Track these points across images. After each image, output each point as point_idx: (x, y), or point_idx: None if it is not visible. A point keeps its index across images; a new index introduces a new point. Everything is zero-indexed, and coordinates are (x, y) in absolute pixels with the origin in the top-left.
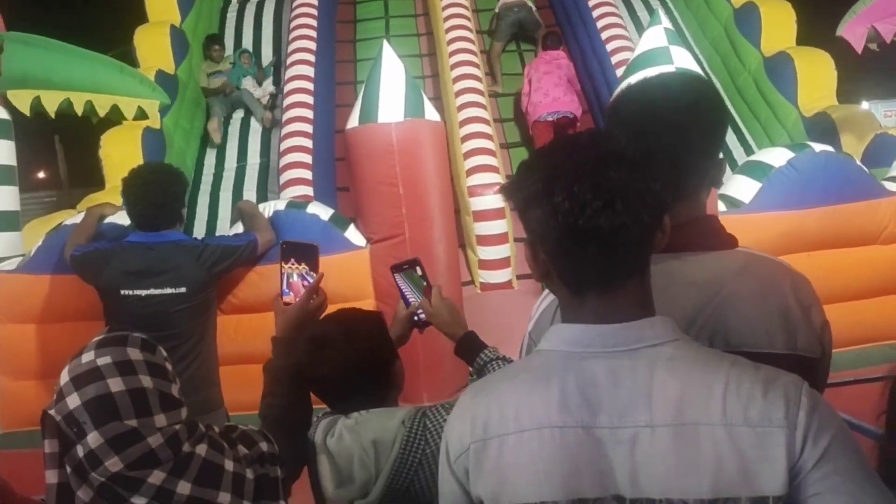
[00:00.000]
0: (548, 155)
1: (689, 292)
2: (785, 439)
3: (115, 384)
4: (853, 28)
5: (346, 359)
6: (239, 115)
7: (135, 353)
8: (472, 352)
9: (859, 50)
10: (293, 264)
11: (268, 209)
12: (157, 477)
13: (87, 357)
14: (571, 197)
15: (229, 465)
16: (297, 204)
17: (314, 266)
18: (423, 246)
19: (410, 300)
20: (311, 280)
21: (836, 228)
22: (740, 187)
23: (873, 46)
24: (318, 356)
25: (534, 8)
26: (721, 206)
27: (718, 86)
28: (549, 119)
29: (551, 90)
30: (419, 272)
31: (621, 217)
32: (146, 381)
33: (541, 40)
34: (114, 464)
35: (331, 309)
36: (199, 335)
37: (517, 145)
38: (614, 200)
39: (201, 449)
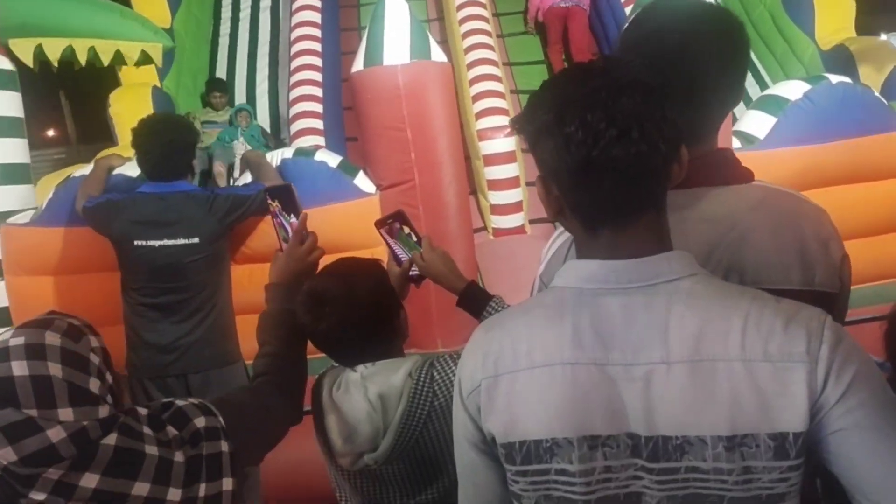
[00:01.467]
0: (558, 84)
1: (703, 228)
2: (806, 374)
3: (19, 368)
4: None
5: (347, 314)
6: (244, 58)
7: (52, 338)
8: (477, 303)
9: None
10: (278, 211)
11: (275, 158)
12: (54, 472)
13: (5, 336)
14: (585, 126)
15: (151, 450)
16: (306, 151)
17: (294, 208)
18: (434, 191)
19: (400, 255)
20: (290, 225)
21: (855, 162)
22: (755, 123)
23: None
24: (319, 313)
25: None
26: (735, 143)
27: None
28: (563, 5)
29: None
30: (405, 225)
31: (637, 146)
32: (55, 369)
33: None
34: (6, 454)
35: (338, 256)
36: (213, 286)
37: (526, 91)
38: (630, 129)
39: (110, 439)
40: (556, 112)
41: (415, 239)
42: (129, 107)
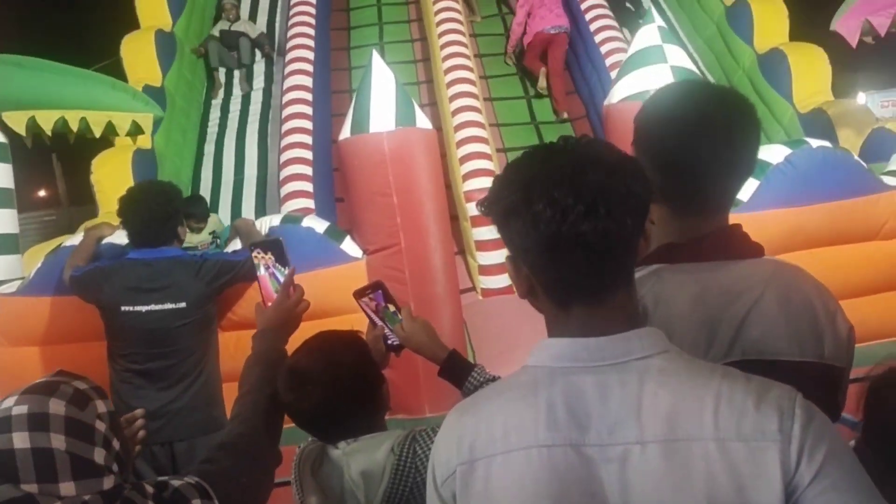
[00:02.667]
0: (523, 164)
1: (721, 300)
2: (779, 453)
3: (21, 440)
4: (847, 22)
5: (330, 393)
6: (234, 124)
7: (56, 406)
8: (459, 374)
9: (854, 44)
10: (269, 265)
11: (264, 225)
12: None
13: (8, 402)
14: (552, 203)
15: None
16: (293, 218)
17: (284, 261)
18: (420, 255)
19: (380, 325)
20: (282, 276)
21: (836, 225)
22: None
23: (868, 40)
24: (302, 392)
25: None
26: None
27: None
28: (552, 32)
29: (555, 8)
30: (384, 294)
31: (604, 221)
32: (58, 440)
33: None
34: None
35: (326, 325)
36: (201, 351)
37: (514, 150)
38: (597, 204)
39: None
40: (523, 191)
41: (394, 309)
42: (110, 173)
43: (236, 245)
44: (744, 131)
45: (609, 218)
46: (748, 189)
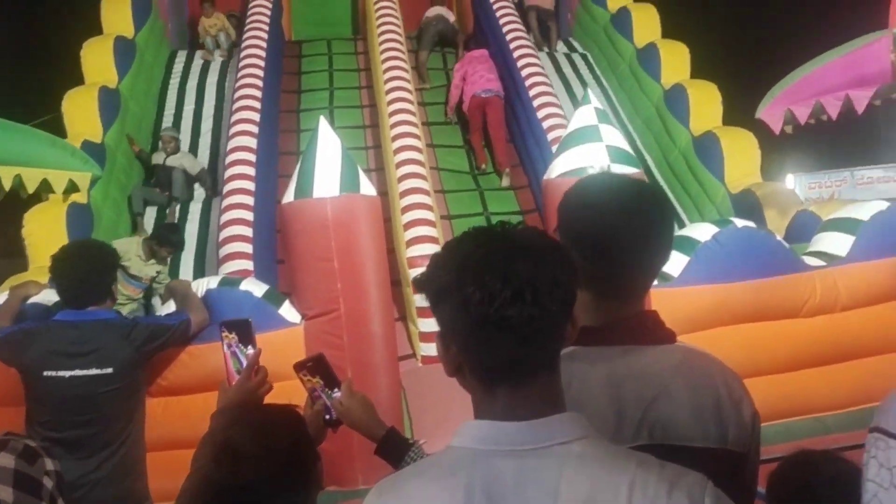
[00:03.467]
0: (458, 247)
1: (631, 385)
2: None
3: None
4: (771, 111)
5: (262, 471)
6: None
7: (6, 460)
8: (396, 453)
9: (777, 131)
10: (232, 344)
11: (200, 287)
12: None
13: None
14: (481, 288)
15: None
16: (231, 281)
17: (250, 341)
18: (359, 321)
19: (319, 400)
20: (246, 357)
21: (761, 302)
22: (670, 261)
23: (788, 129)
24: (234, 468)
25: (451, 18)
26: None
27: (651, 163)
28: (484, 95)
29: (485, 74)
30: (325, 368)
31: (530, 308)
32: (6, 492)
33: (462, 44)
34: None
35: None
36: (125, 420)
37: (459, 217)
38: (523, 291)
39: None
40: (456, 273)
41: (331, 385)
42: (43, 227)
43: (170, 307)
44: (659, 222)
45: (535, 304)
46: (678, 265)
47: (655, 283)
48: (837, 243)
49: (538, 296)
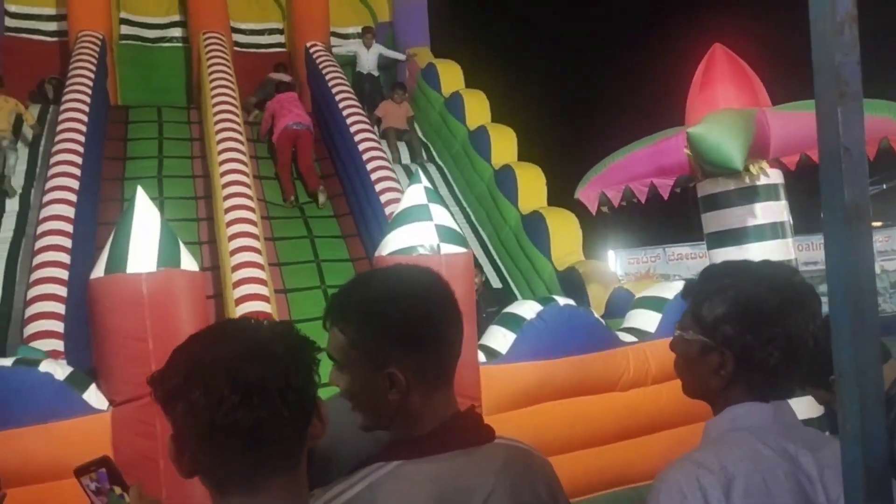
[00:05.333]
0: (190, 347)
1: (458, 498)
2: None
3: None
4: (587, 193)
5: None
6: None
7: None
8: None
9: (594, 212)
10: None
11: None
12: None
13: None
14: (208, 392)
15: None
16: (29, 360)
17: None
18: None
19: None
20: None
21: (581, 377)
22: (497, 338)
23: (605, 209)
24: None
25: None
26: (481, 357)
27: (486, 238)
28: (295, 128)
29: (294, 110)
30: (110, 473)
31: (258, 412)
32: None
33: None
34: None
35: (57, 489)
36: None
37: (296, 290)
38: (251, 395)
39: None
40: (185, 376)
41: (120, 491)
42: None
43: None
44: (453, 305)
45: (262, 408)
46: (506, 342)
47: (483, 359)
48: (647, 320)
49: (267, 399)
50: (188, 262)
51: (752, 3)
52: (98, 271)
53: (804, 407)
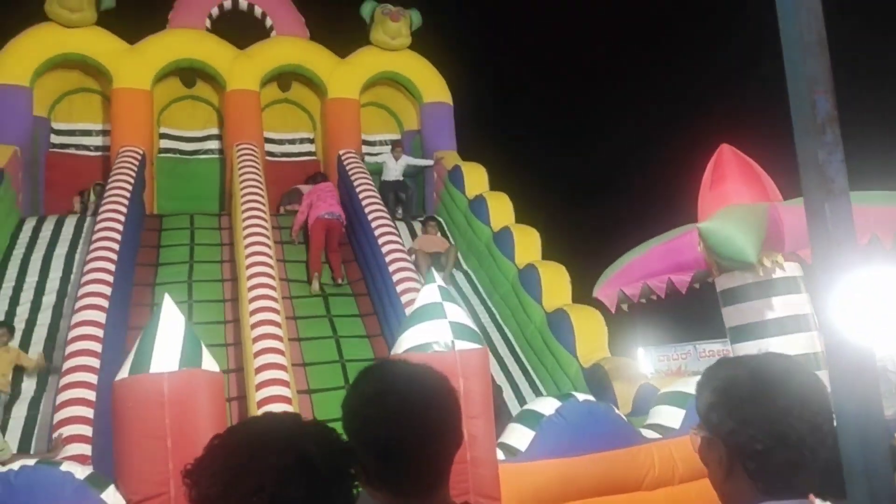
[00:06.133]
0: (231, 453)
1: None
2: None
3: None
4: (605, 291)
5: None
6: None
7: None
8: None
9: (613, 310)
10: None
11: (15, 464)
12: None
13: None
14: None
15: None
16: (51, 461)
17: None
18: None
19: None
20: None
21: (603, 474)
22: (517, 436)
23: (625, 307)
24: None
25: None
26: (500, 455)
27: (510, 336)
28: (327, 217)
29: (328, 200)
30: None
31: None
32: None
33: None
34: None
35: None
36: None
37: (320, 391)
38: (263, 486)
39: None
40: (225, 486)
41: None
42: None
43: None
44: (442, 408)
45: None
46: (525, 439)
47: (502, 457)
48: (670, 416)
49: (277, 491)
50: (209, 363)
51: (760, 100)
52: (123, 373)
53: None
